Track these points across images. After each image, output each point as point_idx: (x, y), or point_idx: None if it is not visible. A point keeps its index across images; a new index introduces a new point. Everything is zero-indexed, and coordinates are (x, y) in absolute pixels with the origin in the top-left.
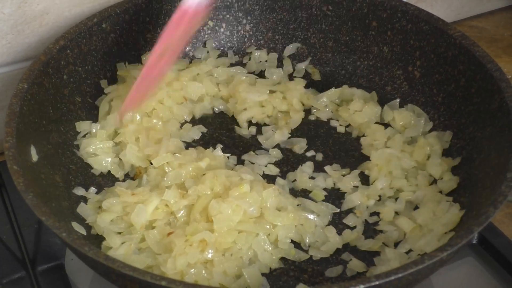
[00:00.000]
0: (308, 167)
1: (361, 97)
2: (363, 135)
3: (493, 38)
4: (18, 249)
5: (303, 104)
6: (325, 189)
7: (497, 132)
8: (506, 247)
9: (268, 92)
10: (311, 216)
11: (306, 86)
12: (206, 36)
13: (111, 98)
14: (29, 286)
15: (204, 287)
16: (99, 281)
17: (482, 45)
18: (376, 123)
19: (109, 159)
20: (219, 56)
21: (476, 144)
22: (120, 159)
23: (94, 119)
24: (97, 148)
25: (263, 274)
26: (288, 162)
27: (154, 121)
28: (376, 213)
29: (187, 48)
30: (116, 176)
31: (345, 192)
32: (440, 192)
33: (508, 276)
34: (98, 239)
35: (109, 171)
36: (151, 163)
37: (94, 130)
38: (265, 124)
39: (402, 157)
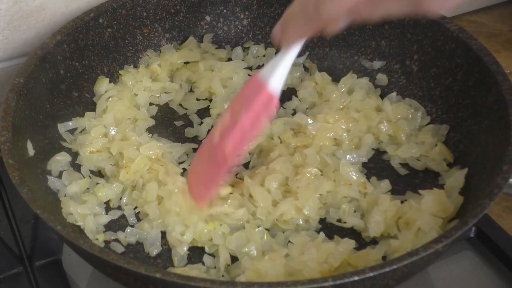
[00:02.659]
0: None
1: (364, 87)
2: None
3: (492, 33)
4: (15, 245)
5: None
6: None
7: (494, 125)
8: (504, 240)
9: None
10: None
11: None
12: (204, 31)
13: (109, 97)
14: (26, 281)
15: (198, 279)
16: (96, 276)
17: (481, 40)
18: None
19: (101, 158)
20: None
21: (473, 138)
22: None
23: (92, 114)
24: (92, 145)
25: None
26: None
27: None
28: None
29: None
30: (108, 174)
31: None
32: None
33: (505, 269)
34: None
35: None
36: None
37: (88, 127)
38: None
39: None
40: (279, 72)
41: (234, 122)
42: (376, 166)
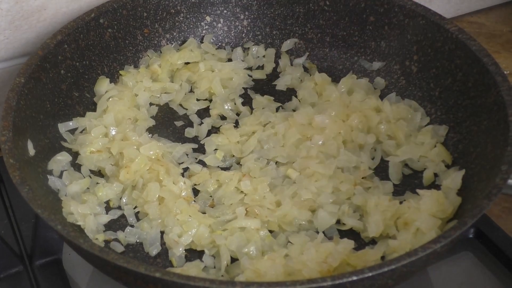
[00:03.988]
0: None
1: (364, 87)
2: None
3: (492, 34)
4: (15, 244)
5: None
6: None
7: (493, 125)
8: (503, 241)
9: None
10: None
11: None
12: (204, 31)
13: (109, 97)
14: (27, 280)
15: (198, 278)
16: (96, 275)
17: (481, 41)
18: None
19: (101, 157)
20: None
21: (473, 138)
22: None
23: (92, 114)
24: (92, 145)
25: None
26: None
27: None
28: None
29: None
30: (108, 174)
31: None
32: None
33: (505, 270)
34: None
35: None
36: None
37: (89, 127)
38: None
39: None
40: None
41: None
42: (376, 166)
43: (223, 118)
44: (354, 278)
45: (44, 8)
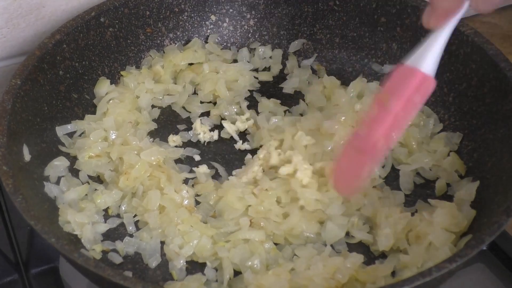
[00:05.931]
0: None
1: (374, 91)
2: None
3: (506, 34)
4: (11, 251)
5: None
6: None
7: (510, 134)
8: None
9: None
10: None
11: None
12: (209, 31)
13: (110, 99)
14: None
15: None
16: (94, 285)
17: (495, 42)
18: None
19: (100, 163)
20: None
21: (488, 147)
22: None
23: (91, 117)
24: (91, 149)
25: None
26: None
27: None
28: None
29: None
30: (107, 180)
31: None
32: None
33: None
34: None
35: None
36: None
37: (88, 131)
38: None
39: None
40: (431, 54)
41: (383, 111)
42: (386, 175)
43: None
44: None
45: (43, 5)
